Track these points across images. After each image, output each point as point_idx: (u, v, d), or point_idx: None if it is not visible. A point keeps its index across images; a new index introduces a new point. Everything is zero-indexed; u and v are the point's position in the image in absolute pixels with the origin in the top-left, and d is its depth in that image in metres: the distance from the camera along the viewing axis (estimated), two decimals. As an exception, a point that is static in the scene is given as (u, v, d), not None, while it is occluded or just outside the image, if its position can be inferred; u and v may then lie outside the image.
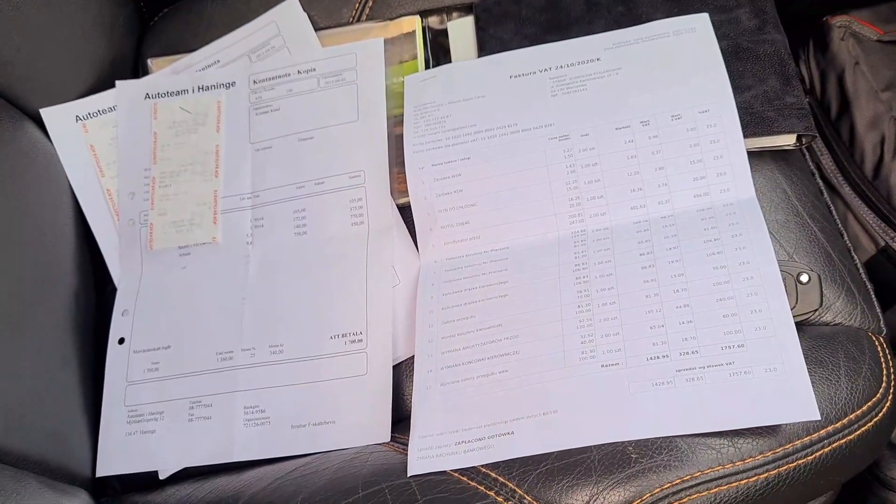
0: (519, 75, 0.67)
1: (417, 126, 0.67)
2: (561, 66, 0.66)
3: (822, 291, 0.54)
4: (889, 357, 0.53)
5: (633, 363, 0.53)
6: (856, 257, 0.60)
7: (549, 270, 0.59)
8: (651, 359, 0.53)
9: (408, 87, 0.69)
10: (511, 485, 0.48)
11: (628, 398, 0.52)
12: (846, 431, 0.49)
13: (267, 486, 0.55)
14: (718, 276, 0.54)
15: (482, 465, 0.50)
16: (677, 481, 0.46)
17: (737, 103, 0.60)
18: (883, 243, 0.73)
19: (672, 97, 0.62)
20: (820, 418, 0.48)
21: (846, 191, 0.75)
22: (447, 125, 0.66)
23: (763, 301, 0.52)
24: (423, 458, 0.54)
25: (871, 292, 0.58)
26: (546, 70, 0.66)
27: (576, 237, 0.60)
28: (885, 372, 0.52)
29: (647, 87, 0.63)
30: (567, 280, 0.58)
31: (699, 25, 0.65)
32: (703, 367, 0.51)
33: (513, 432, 0.53)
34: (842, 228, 0.62)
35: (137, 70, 0.76)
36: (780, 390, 0.49)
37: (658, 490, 0.46)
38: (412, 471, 0.53)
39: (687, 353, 0.52)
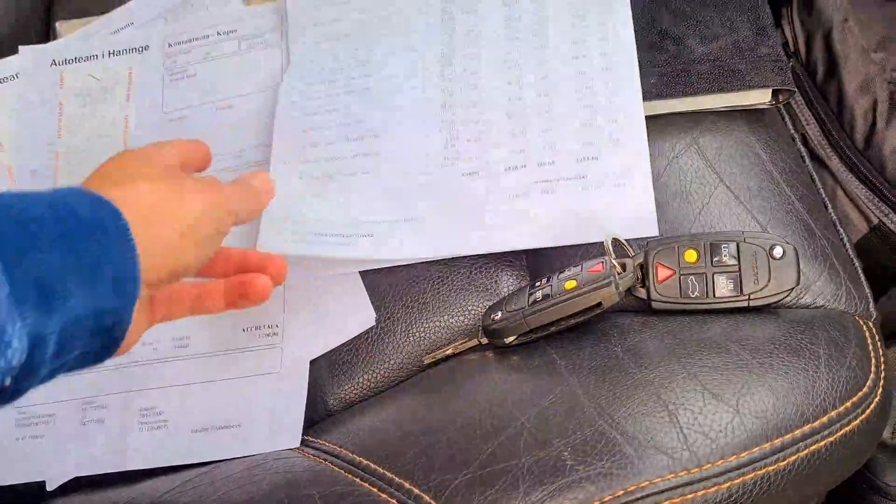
0: None
1: None
2: None
3: (799, 268, 0.46)
4: (879, 345, 0.45)
5: (493, 171, 0.52)
6: (842, 231, 0.53)
7: (411, 59, 0.56)
8: (509, 168, 0.52)
9: None
10: (427, 497, 0.40)
11: (487, 209, 0.52)
12: (826, 432, 0.41)
13: (161, 497, 0.48)
14: (581, 79, 0.53)
15: (394, 474, 0.42)
16: (620, 493, 0.38)
17: (704, 54, 0.53)
18: (876, 220, 0.65)
19: None
20: (657, 232, 0.49)
21: (835, 163, 0.67)
22: None
23: (622, 112, 0.52)
24: (272, 239, 0.52)
25: (860, 270, 0.51)
26: None
27: (444, 27, 0.57)
28: (873, 362, 0.44)
29: None
30: (430, 70, 0.55)
31: None
32: (558, 180, 0.51)
33: (373, 234, 0.52)
34: (826, 199, 0.54)
35: (47, 35, 0.69)
36: (627, 206, 0.50)
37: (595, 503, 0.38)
38: (261, 246, 0.52)
39: (545, 162, 0.52)
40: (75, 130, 0.63)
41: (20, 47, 0.65)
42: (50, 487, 0.54)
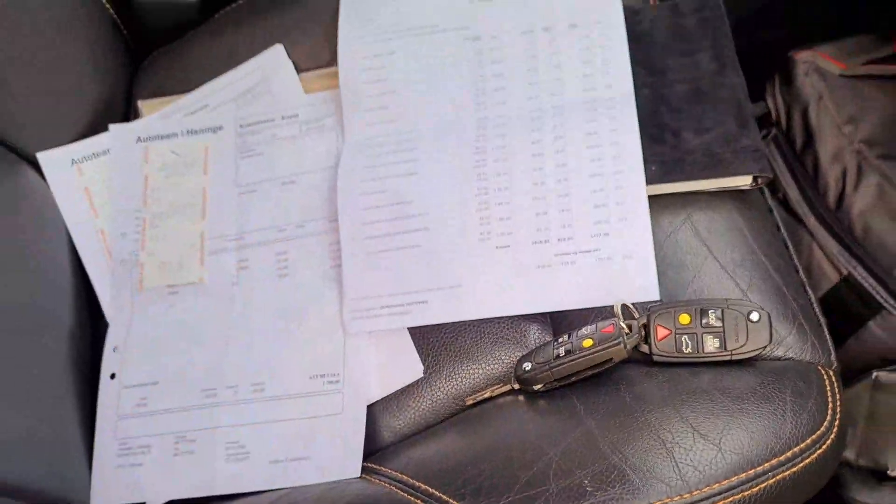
0: None
1: (350, 21, 0.73)
2: None
3: (771, 329, 0.56)
4: (837, 390, 0.56)
5: (521, 246, 0.63)
6: (810, 292, 0.63)
7: (453, 153, 0.67)
8: (535, 242, 0.62)
9: None
10: (475, 516, 0.51)
11: (518, 279, 0.62)
12: (790, 464, 0.51)
13: (248, 517, 0.58)
14: (594, 168, 0.63)
15: (448, 496, 0.52)
16: (629, 514, 0.49)
17: (697, 146, 0.64)
18: (846, 272, 0.75)
19: (570, 8, 0.70)
20: (659, 297, 0.59)
21: (811, 221, 0.78)
22: (376, 22, 0.73)
23: (628, 195, 0.62)
24: (356, 318, 0.64)
25: (824, 326, 0.61)
26: None
27: (478, 123, 0.68)
28: (830, 406, 0.54)
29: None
30: (468, 163, 0.66)
31: None
32: (577, 253, 0.62)
33: (426, 301, 0.63)
34: (797, 264, 0.65)
35: (128, 112, 0.80)
36: (633, 276, 0.60)
37: (610, 522, 0.49)
38: (350, 332, 0.64)
39: (565, 238, 0.62)
40: (159, 199, 0.73)
41: (110, 126, 0.75)
42: (150, 508, 0.65)
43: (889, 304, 0.72)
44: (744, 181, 0.63)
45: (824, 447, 0.53)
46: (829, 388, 0.56)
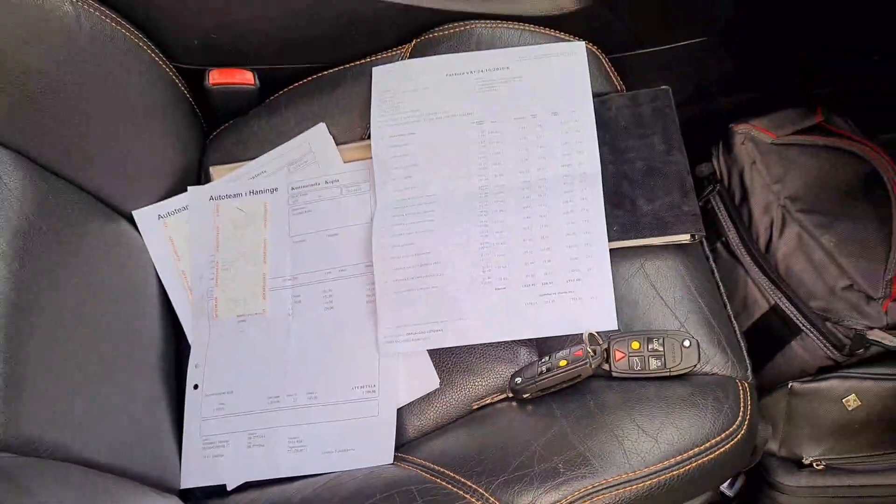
0: (452, 74, 0.92)
1: (380, 107, 0.92)
2: (482, 70, 0.92)
3: (699, 352, 0.76)
4: (749, 398, 0.75)
5: (514, 288, 0.81)
6: (734, 322, 0.82)
7: (461, 213, 0.85)
8: (525, 286, 0.81)
9: (375, 76, 0.94)
10: (481, 490, 0.70)
11: (511, 313, 0.81)
12: (708, 452, 0.71)
13: (308, 494, 0.77)
14: (570, 229, 0.82)
15: (460, 476, 0.72)
16: (590, 487, 0.68)
17: (649, 211, 0.83)
18: (773, 302, 0.94)
19: (553, 99, 0.89)
20: (617, 328, 0.78)
21: (746, 260, 0.97)
22: (401, 108, 0.91)
23: (595, 250, 0.81)
24: (388, 342, 0.83)
25: (744, 350, 0.80)
26: (471, 72, 0.92)
27: (481, 191, 0.86)
28: (741, 409, 0.74)
29: (538, 92, 0.90)
30: (473, 222, 0.85)
31: (577, 50, 0.92)
32: (556, 294, 0.80)
33: (441, 330, 0.82)
34: (725, 301, 0.84)
35: (200, 176, 0.99)
36: (598, 312, 0.79)
37: (577, 493, 0.68)
38: (383, 352, 0.83)
39: (547, 283, 0.81)
40: (229, 247, 0.92)
41: (189, 188, 0.94)
42: (230, 488, 0.83)
43: (806, 328, 0.91)
44: (684, 238, 0.83)
45: (735, 440, 0.72)
46: (742, 396, 0.75)
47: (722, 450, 0.71)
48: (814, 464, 0.91)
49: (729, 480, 1.02)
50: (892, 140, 1.07)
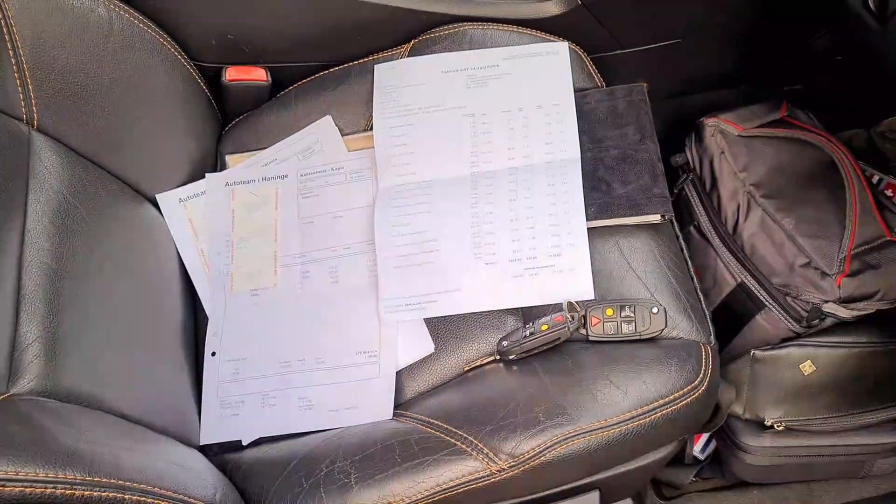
0: (447, 71, 1.01)
1: (382, 101, 1.01)
2: (473, 68, 1.01)
3: (666, 318, 0.85)
4: (709, 358, 0.84)
5: (502, 262, 0.90)
6: (700, 294, 0.91)
7: (455, 196, 0.94)
8: (511, 261, 0.90)
9: (377, 73, 1.03)
10: (470, 437, 0.79)
11: (499, 284, 0.89)
12: (672, 404, 0.79)
13: (317, 445, 0.86)
14: (552, 210, 0.92)
15: (452, 426, 0.81)
16: (568, 433, 0.77)
17: (623, 194, 0.92)
18: (740, 279, 1.03)
19: (538, 94, 0.98)
20: (594, 297, 0.87)
21: (716, 242, 1.06)
22: (400, 102, 1.00)
23: (574, 228, 0.90)
24: (387, 312, 0.91)
25: (707, 316, 0.89)
26: (464, 69, 1.01)
27: (473, 176, 0.96)
28: (703, 368, 0.82)
29: (524, 87, 0.99)
30: (465, 205, 0.94)
31: (560, 50, 1.01)
32: (539, 267, 0.89)
33: (436, 301, 0.90)
34: (693, 275, 0.93)
35: (217, 164, 1.08)
36: (576, 283, 0.88)
37: (554, 439, 0.77)
38: (383, 321, 0.91)
39: (531, 257, 0.90)
40: (243, 228, 1.01)
41: (207, 174, 1.03)
42: (245, 443, 0.92)
43: (769, 302, 1.00)
44: (654, 218, 0.92)
45: (697, 394, 0.81)
46: (704, 356, 0.84)
47: (684, 402, 0.80)
48: (775, 425, 1.00)
49: (701, 445, 1.11)
50: (850, 136, 1.17)
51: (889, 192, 1.06)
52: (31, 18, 0.85)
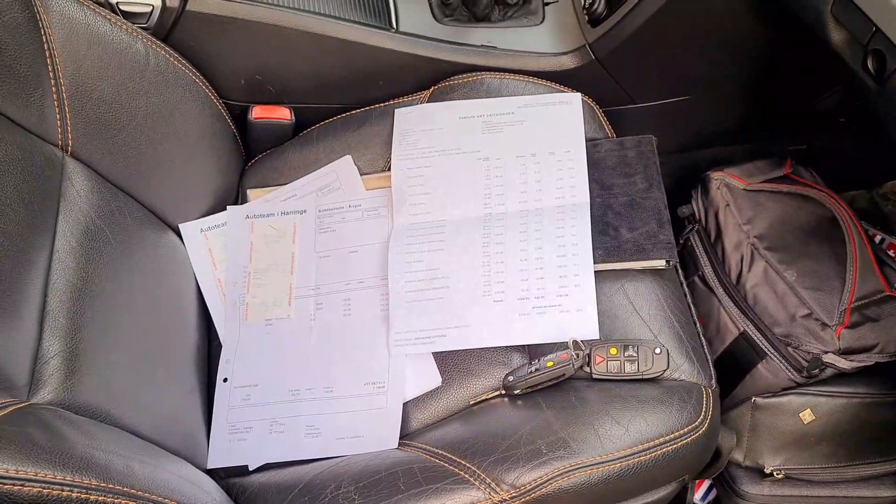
0: (464, 117, 1.06)
1: (400, 144, 1.05)
2: (490, 115, 1.05)
3: (669, 360, 0.87)
4: (710, 401, 0.86)
5: (510, 300, 0.93)
6: (702, 338, 0.93)
7: (467, 236, 0.98)
8: (519, 299, 0.93)
9: (397, 117, 1.07)
10: (473, 468, 0.81)
11: (507, 322, 0.92)
12: (672, 443, 0.81)
13: (323, 472, 0.88)
14: (560, 251, 0.94)
15: (457, 456, 0.82)
16: (568, 466, 0.79)
17: (629, 239, 0.95)
18: (742, 328, 1.05)
19: (550, 141, 1.02)
20: (598, 337, 0.88)
21: (719, 291, 1.08)
22: (418, 145, 1.05)
23: (581, 270, 0.92)
24: (397, 345, 0.94)
25: (709, 361, 0.91)
26: (480, 116, 1.05)
27: (485, 217, 0.99)
28: (703, 410, 0.84)
29: (538, 134, 1.03)
30: (477, 244, 0.97)
31: (573, 100, 1.05)
32: (546, 307, 0.92)
33: (445, 335, 0.93)
34: (695, 319, 0.95)
35: (238, 197, 1.12)
36: (582, 323, 0.90)
37: (555, 471, 0.79)
38: (393, 353, 0.93)
39: (539, 297, 0.92)
40: (260, 259, 1.04)
41: (228, 207, 1.07)
42: (251, 468, 0.94)
43: (770, 352, 1.02)
44: (659, 263, 0.94)
45: (697, 435, 0.83)
46: (705, 399, 0.86)
47: (684, 442, 0.82)
48: (774, 473, 1.00)
49: (702, 492, 1.12)
50: (853, 197, 1.20)
51: (891, 252, 1.09)
52: (74, 51, 0.90)
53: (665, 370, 0.87)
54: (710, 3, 0.99)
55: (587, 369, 0.88)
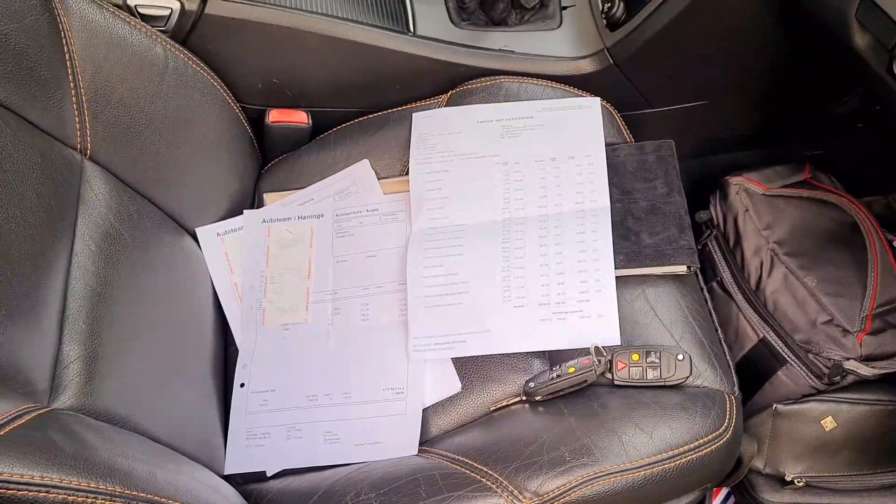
0: (483, 121, 1.05)
1: (419, 148, 1.04)
2: (508, 119, 1.04)
3: (691, 366, 0.86)
4: (733, 408, 0.85)
5: (531, 306, 0.92)
6: (724, 344, 0.93)
7: (487, 240, 0.97)
8: (540, 304, 0.92)
9: (415, 121, 1.06)
10: (496, 475, 0.80)
11: (528, 327, 0.91)
12: (696, 450, 0.81)
13: (342, 479, 0.87)
14: (581, 256, 0.94)
15: (478, 463, 0.82)
16: (592, 474, 0.78)
17: (650, 244, 0.95)
18: (762, 335, 1.05)
19: (570, 145, 1.01)
20: (620, 342, 0.88)
21: (738, 297, 1.08)
22: (436, 149, 1.04)
23: (602, 275, 0.92)
24: (416, 351, 0.93)
25: (731, 367, 0.91)
26: (499, 120, 1.04)
27: (505, 222, 0.98)
28: (727, 417, 0.84)
29: (557, 138, 1.02)
30: (496, 249, 0.96)
31: (593, 104, 1.04)
32: (567, 312, 0.91)
33: (465, 341, 0.92)
34: (717, 325, 0.94)
35: (255, 201, 1.11)
36: (603, 328, 0.89)
37: (579, 479, 0.78)
38: (412, 359, 0.92)
39: (560, 302, 0.92)
40: (277, 264, 1.04)
41: (245, 211, 1.07)
42: (269, 474, 0.93)
43: (791, 358, 1.02)
44: (680, 269, 0.94)
45: (721, 442, 0.82)
46: (728, 406, 0.85)
47: (708, 449, 0.81)
48: (795, 480, 1.00)
49: (720, 500, 1.11)
50: (869, 202, 1.19)
51: (907, 258, 1.08)
52: (93, 54, 0.89)
53: (688, 377, 0.86)
54: (729, 7, 0.98)
55: (609, 375, 0.88)
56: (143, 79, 0.94)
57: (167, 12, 0.98)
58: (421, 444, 0.91)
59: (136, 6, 0.96)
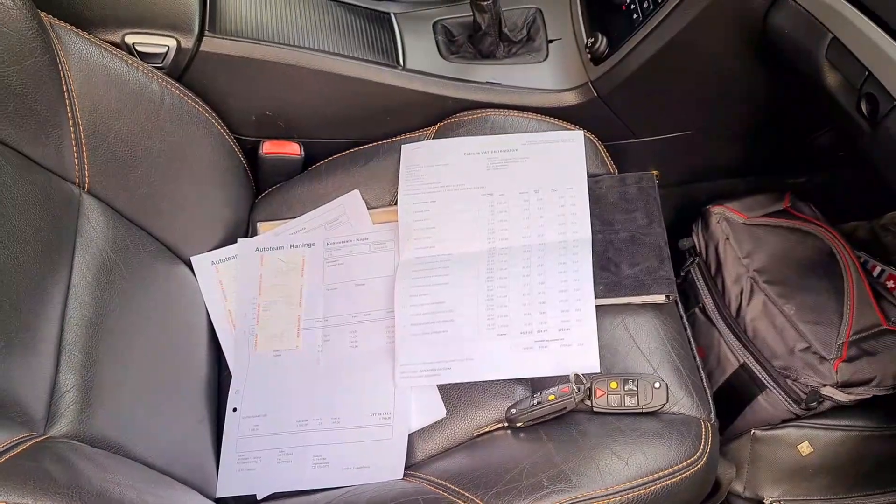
0: (469, 153, 1.08)
1: (407, 179, 1.08)
2: (494, 151, 1.07)
3: (668, 393, 0.89)
4: (709, 435, 0.87)
5: (513, 334, 0.95)
6: (701, 372, 0.95)
7: (471, 270, 1.00)
8: (522, 332, 0.95)
9: (404, 152, 1.10)
10: (476, 499, 0.83)
11: (511, 355, 0.94)
12: (670, 476, 0.83)
13: (330, 502, 0.90)
14: (562, 286, 0.96)
15: (460, 488, 0.84)
16: (568, 499, 0.81)
17: (630, 275, 0.97)
18: (742, 361, 1.07)
19: (553, 178, 1.05)
20: (599, 370, 0.90)
21: (720, 324, 1.11)
22: (424, 180, 1.07)
23: (583, 305, 0.94)
24: (403, 377, 0.96)
25: (709, 394, 0.93)
26: (485, 152, 1.08)
27: (489, 252, 1.01)
28: (702, 443, 0.86)
29: (541, 171, 1.05)
30: (481, 278, 0.99)
31: (576, 138, 1.07)
32: (549, 340, 0.94)
33: (450, 368, 0.95)
34: (695, 353, 0.97)
35: (249, 230, 1.14)
36: (583, 357, 0.92)
37: (557, 504, 0.81)
38: (398, 385, 0.95)
39: (542, 330, 0.94)
40: (270, 292, 1.07)
41: (238, 240, 1.10)
42: (259, 497, 0.96)
43: (770, 384, 1.04)
44: (659, 298, 0.97)
45: (695, 469, 0.85)
46: (703, 433, 0.88)
47: (683, 475, 0.84)
48: (773, 504, 1.02)
49: (702, 523, 1.13)
50: (853, 228, 1.22)
51: (890, 284, 1.10)
52: (91, 92, 0.93)
53: (664, 404, 0.89)
54: (708, 45, 1.02)
55: (588, 403, 0.90)
56: (140, 115, 0.97)
57: (164, 50, 1.01)
58: (406, 468, 0.93)
59: (133, 44, 1.00)
